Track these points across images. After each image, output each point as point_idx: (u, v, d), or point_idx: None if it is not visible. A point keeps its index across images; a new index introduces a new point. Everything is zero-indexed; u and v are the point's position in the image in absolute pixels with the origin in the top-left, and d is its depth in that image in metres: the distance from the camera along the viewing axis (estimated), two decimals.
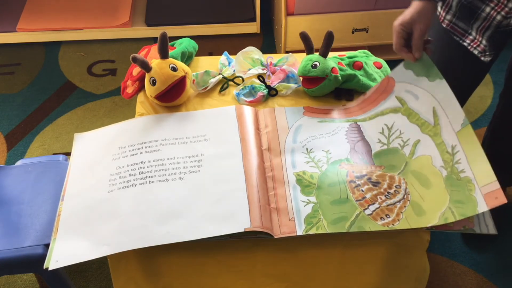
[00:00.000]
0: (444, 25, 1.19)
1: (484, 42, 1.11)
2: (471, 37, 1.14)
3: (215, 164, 1.06)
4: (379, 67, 1.31)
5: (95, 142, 1.17)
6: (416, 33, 1.05)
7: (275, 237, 0.93)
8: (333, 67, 1.21)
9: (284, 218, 0.96)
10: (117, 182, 1.04)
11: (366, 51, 1.36)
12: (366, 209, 0.98)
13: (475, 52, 1.14)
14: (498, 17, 1.06)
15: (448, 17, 1.17)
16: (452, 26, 1.17)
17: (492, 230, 0.95)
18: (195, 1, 2.55)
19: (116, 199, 1.01)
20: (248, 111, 1.19)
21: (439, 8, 1.20)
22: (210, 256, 0.96)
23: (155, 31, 2.40)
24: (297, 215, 0.97)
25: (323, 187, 1.02)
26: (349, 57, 1.30)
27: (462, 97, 1.37)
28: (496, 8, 1.06)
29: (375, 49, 1.92)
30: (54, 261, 0.92)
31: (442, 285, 1.51)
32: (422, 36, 1.06)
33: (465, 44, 1.16)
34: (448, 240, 1.63)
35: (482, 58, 1.14)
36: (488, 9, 1.08)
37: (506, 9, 1.05)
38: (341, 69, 1.23)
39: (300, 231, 0.94)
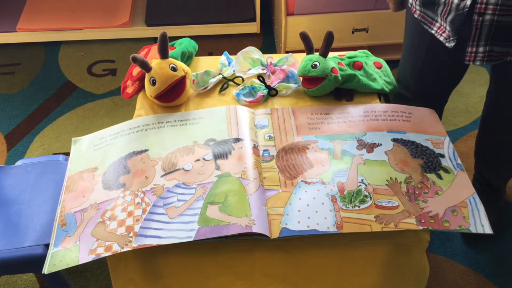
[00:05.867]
0: (416, 15, 1.24)
1: (448, 28, 1.15)
2: (437, 24, 1.18)
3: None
4: (379, 67, 1.31)
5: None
6: None
7: (272, 238, 0.93)
8: (333, 67, 1.21)
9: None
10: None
11: (366, 51, 1.36)
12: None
13: (441, 38, 1.19)
14: (456, 0, 1.09)
15: (418, 7, 1.22)
16: (423, 16, 1.22)
17: (488, 230, 0.95)
18: (195, 1, 2.55)
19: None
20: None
21: (410, 0, 1.25)
22: (209, 257, 0.96)
23: (155, 31, 2.40)
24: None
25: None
26: (349, 57, 1.30)
27: (442, 90, 1.40)
28: None
29: (375, 49, 1.93)
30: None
31: (442, 285, 1.51)
32: None
33: (432, 31, 1.21)
34: (448, 240, 1.63)
35: (447, 44, 1.18)
36: None
37: None
38: (341, 69, 1.23)
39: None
